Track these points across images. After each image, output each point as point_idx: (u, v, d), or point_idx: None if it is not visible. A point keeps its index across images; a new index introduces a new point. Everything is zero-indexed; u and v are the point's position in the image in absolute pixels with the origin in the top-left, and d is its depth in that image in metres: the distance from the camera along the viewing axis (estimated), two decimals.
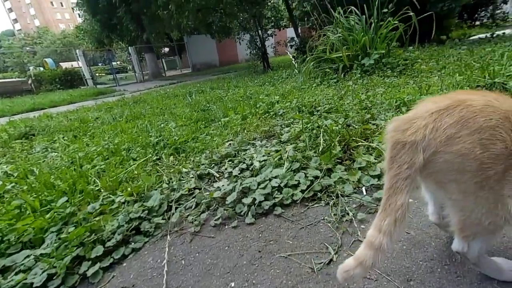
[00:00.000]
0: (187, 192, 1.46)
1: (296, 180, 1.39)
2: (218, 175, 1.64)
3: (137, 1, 11.54)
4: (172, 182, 1.55)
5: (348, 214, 1.14)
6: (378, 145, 1.50)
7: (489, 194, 0.60)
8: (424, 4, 4.91)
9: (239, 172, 1.62)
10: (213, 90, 5.36)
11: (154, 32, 13.53)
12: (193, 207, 1.35)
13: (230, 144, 2.06)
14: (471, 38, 6.32)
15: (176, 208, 1.34)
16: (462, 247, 0.70)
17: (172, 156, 1.92)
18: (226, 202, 1.31)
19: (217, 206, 1.33)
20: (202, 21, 9.18)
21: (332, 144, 1.58)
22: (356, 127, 1.78)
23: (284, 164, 1.56)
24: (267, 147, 1.92)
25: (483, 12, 9.08)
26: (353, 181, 1.32)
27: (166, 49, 25.38)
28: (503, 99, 0.61)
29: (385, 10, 3.70)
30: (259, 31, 8.76)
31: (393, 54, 3.70)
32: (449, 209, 0.69)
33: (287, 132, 2.03)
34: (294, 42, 8.94)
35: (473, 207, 0.62)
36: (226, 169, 1.69)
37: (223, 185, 1.46)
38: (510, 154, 0.57)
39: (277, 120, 2.41)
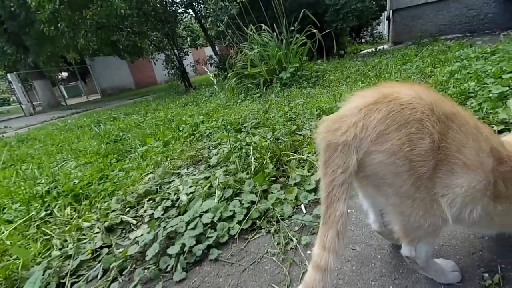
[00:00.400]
0: (90, 255, 1.09)
1: (231, 210, 1.22)
2: (135, 222, 1.31)
3: (13, 19, 9.41)
4: (67, 246, 1.15)
5: (292, 240, 1.02)
6: (308, 156, 1.46)
7: (425, 194, 0.56)
8: (322, 23, 5.61)
9: (163, 212, 1.34)
10: (128, 116, 4.76)
11: (42, 54, 10.93)
12: (99, 276, 1.00)
13: (150, 178, 1.74)
14: (361, 52, 7.58)
15: (72, 284, 0.97)
16: (410, 252, 0.66)
17: (69, 207, 1.47)
18: (146, 258, 1.02)
19: (134, 267, 1.02)
20: (105, 40, 8.15)
21: (264, 162, 1.47)
22: (285, 140, 1.74)
23: (215, 193, 1.36)
24: (194, 175, 1.69)
25: (365, 32, 11.26)
26: (291, 200, 1.23)
27: (64, 74, 22.03)
28: (428, 91, 0.58)
29: (292, 27, 4.02)
30: (175, 50, 8.44)
31: (305, 67, 4.01)
32: (389, 215, 0.65)
33: (215, 155, 1.85)
34: (213, 60, 8.98)
35: (411, 211, 0.58)
36: (145, 211, 1.39)
37: (141, 235, 1.16)
38: (438, 148, 0.54)
39: (204, 142, 2.20)
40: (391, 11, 7.20)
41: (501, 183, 0.61)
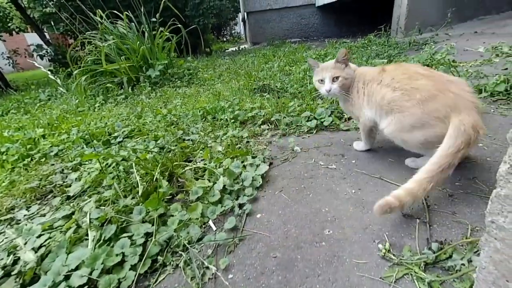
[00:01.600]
0: None
1: (118, 255, 0.91)
2: None
3: None
4: None
5: (208, 268, 0.86)
6: (205, 163, 1.31)
7: None
8: (184, 17, 5.40)
9: None
10: None
11: None
12: None
13: None
14: (227, 51, 7.95)
15: None
16: None
17: None
18: None
19: None
20: None
21: (154, 179, 1.19)
22: (173, 148, 1.50)
23: (87, 236, 0.98)
24: (43, 216, 1.17)
25: (225, 31, 11.94)
26: (197, 219, 1.05)
27: None
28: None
29: (154, 19, 3.60)
30: None
31: (176, 64, 3.72)
32: None
33: (76, 180, 1.36)
34: (44, 52, 6.79)
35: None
36: None
37: None
38: None
39: (53, 165, 1.58)
40: (245, 13, 7.94)
41: None
